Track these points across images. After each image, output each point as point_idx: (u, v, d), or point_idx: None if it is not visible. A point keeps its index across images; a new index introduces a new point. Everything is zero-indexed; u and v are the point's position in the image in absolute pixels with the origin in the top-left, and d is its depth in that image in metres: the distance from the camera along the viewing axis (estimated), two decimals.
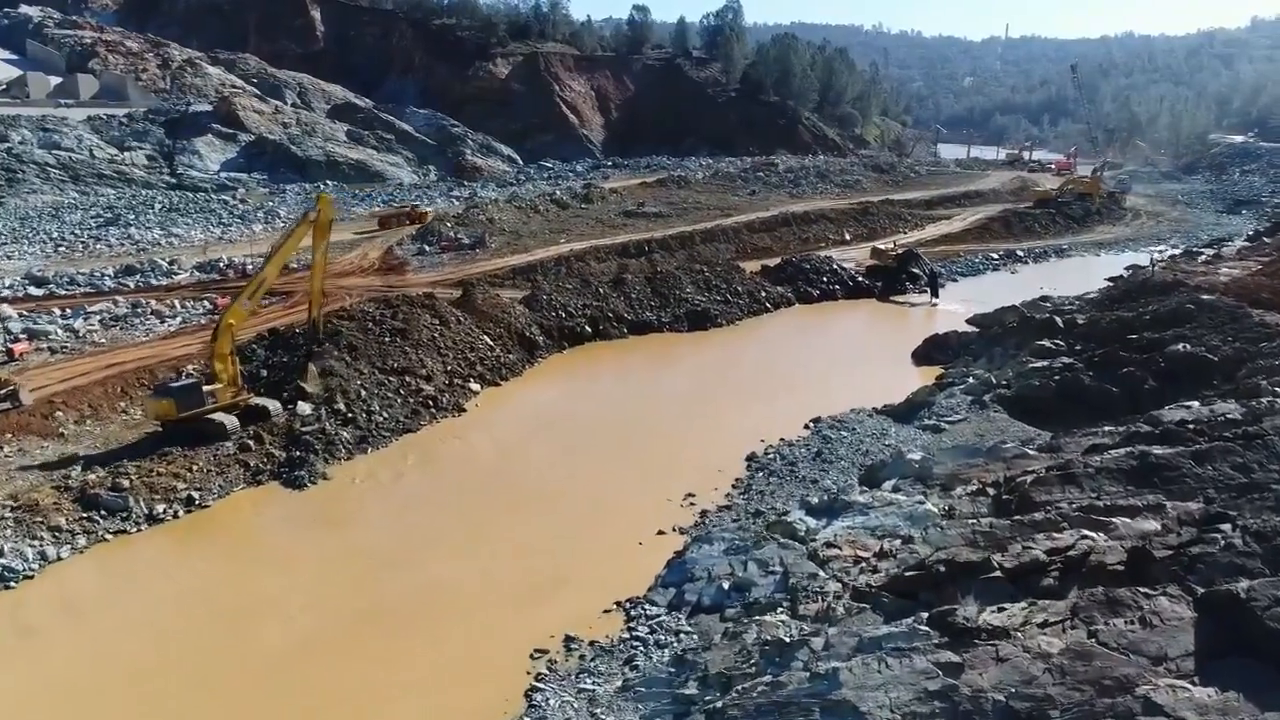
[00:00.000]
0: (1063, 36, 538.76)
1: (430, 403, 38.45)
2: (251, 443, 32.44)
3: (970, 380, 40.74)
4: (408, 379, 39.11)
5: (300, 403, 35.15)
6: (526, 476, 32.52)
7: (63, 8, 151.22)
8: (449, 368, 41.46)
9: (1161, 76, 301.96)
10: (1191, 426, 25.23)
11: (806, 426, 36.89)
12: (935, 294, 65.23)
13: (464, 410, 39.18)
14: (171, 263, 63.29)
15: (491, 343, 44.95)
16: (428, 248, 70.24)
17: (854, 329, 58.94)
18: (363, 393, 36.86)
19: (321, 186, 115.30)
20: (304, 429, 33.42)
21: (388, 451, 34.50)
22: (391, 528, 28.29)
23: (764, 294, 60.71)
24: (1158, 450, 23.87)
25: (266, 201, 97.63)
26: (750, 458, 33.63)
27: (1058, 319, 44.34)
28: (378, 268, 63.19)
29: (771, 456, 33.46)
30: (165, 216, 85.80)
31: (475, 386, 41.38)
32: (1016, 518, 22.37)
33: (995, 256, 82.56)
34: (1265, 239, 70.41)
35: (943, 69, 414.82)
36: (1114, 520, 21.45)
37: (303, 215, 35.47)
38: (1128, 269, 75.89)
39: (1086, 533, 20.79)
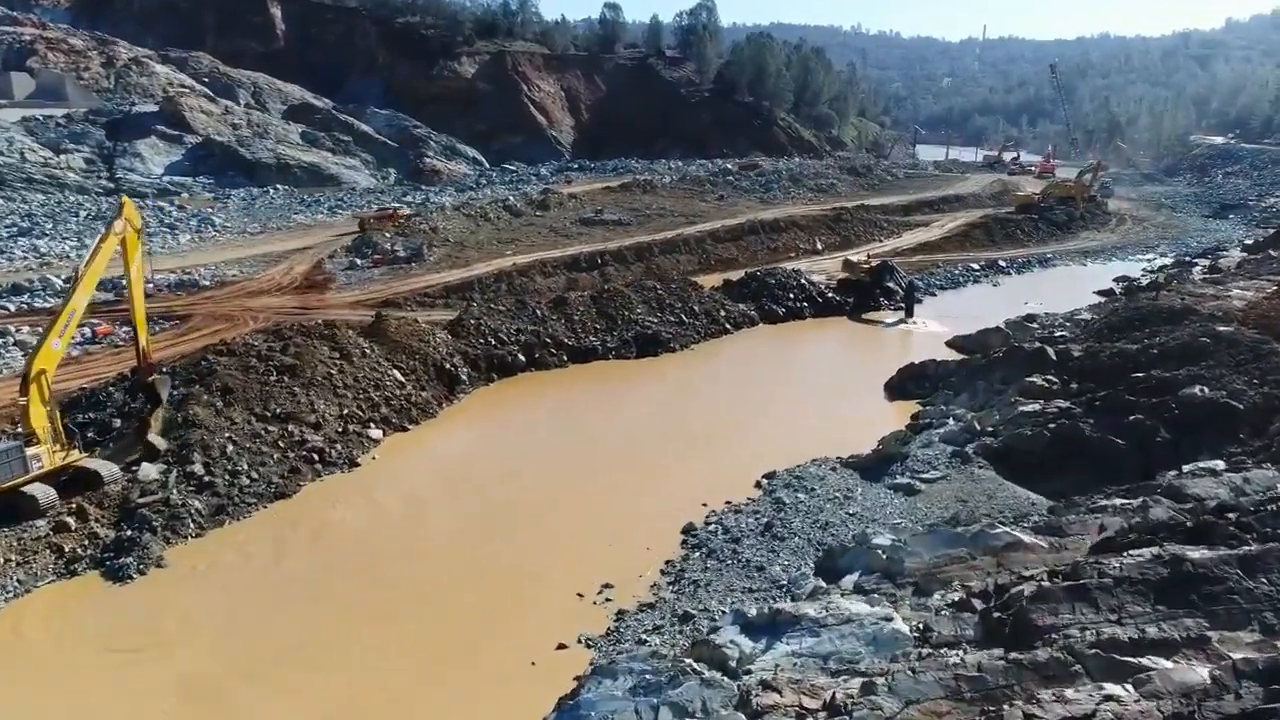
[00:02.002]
0: (1040, 37, 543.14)
1: (316, 456, 32.31)
2: (71, 520, 26.22)
3: (950, 423, 35.20)
4: (291, 427, 32.96)
5: (145, 464, 29.02)
6: (411, 560, 26.51)
7: (9, 4, 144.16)
8: (345, 411, 35.27)
9: (1139, 77, 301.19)
10: (1234, 517, 19.67)
11: (758, 484, 31.17)
12: (911, 312, 59.75)
13: (357, 464, 33.06)
14: (68, 280, 56.86)
15: (402, 378, 38.80)
16: (360, 260, 64.22)
17: (821, 354, 53.21)
18: (229, 448, 30.70)
19: (270, 191, 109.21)
20: (141, 499, 27.27)
21: (249, 523, 28.28)
22: (220, 638, 22.27)
23: (724, 313, 54.90)
24: (1193, 554, 18.30)
25: (204, 209, 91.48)
26: (687, 530, 27.81)
27: (1049, 349, 38.77)
28: (298, 285, 57.06)
29: (713, 529, 27.65)
30: (87, 225, 79.20)
31: (376, 433, 35.25)
32: (1013, 655, 16.74)
33: (976, 267, 77.41)
34: (1271, 252, 65.12)
35: (921, 69, 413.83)
36: (1144, 663, 15.91)
37: (108, 226, 29.41)
38: (1117, 280, 71.28)
39: (1109, 688, 15.20)
